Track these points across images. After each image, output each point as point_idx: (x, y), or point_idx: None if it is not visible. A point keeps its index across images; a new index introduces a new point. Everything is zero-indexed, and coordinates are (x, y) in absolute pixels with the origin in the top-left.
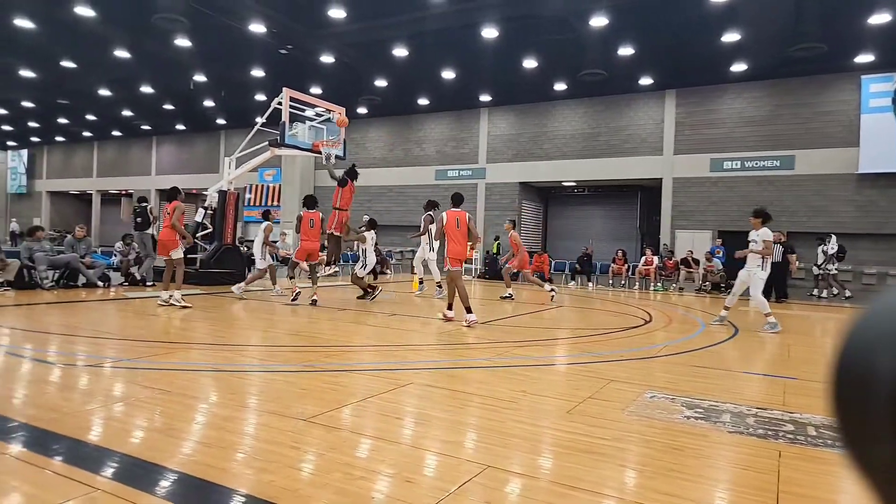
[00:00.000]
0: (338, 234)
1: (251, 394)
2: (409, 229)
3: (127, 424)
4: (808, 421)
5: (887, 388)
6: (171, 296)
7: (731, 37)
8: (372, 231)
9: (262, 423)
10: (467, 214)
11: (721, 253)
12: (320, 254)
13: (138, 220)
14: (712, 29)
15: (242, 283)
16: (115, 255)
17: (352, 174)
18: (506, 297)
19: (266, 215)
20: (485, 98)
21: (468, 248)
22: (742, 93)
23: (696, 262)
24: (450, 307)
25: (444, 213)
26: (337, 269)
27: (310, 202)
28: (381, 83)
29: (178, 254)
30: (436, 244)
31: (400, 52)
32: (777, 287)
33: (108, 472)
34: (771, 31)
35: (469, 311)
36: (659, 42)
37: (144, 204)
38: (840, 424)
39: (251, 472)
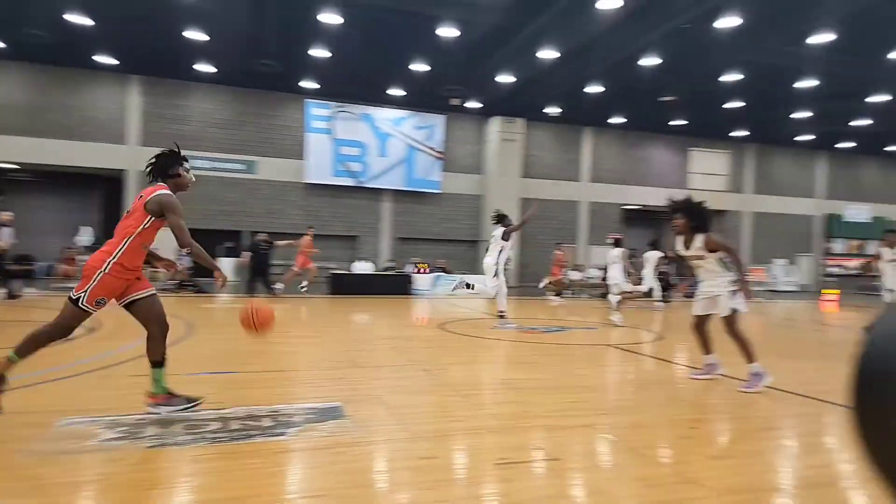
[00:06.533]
0: None
1: None
2: None
3: None
4: (232, 415)
5: None
6: None
7: (196, 35)
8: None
9: None
10: None
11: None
12: None
13: None
14: (176, 20)
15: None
16: None
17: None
18: None
19: None
20: None
21: None
22: (211, 94)
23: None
24: None
25: None
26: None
27: None
28: None
29: None
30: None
31: None
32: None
33: None
34: (237, 40)
35: None
36: (117, 18)
37: None
38: (858, 418)
39: None
